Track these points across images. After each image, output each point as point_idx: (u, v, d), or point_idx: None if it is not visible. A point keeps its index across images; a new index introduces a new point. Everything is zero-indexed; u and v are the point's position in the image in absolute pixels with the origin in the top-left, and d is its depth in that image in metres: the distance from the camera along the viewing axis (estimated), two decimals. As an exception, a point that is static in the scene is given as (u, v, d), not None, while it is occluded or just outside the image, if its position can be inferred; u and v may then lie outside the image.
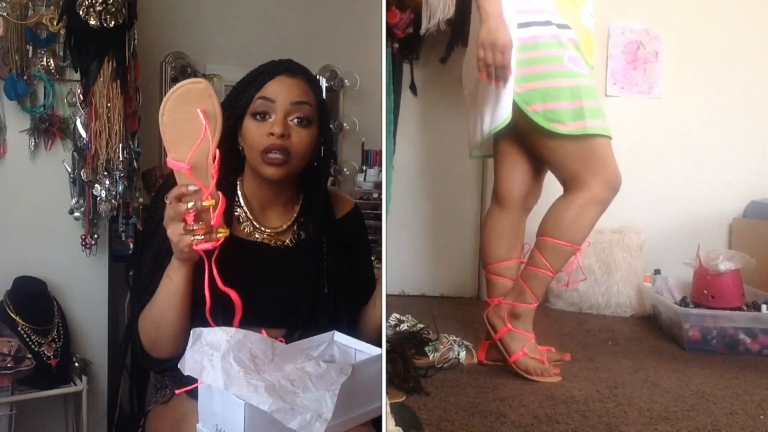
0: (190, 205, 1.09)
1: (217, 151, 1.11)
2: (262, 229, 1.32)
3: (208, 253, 1.11)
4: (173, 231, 1.10)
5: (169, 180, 1.24)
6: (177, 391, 1.19)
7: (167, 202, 1.11)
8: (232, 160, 1.30)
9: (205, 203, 1.09)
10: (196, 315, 1.19)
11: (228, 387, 0.93)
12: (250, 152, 1.27)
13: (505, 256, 2.11)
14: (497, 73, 1.84)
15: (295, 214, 1.36)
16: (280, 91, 1.26)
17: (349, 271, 1.40)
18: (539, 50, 1.88)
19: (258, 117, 1.26)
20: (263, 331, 1.16)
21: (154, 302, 1.20)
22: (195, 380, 1.04)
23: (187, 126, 1.10)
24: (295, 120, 1.26)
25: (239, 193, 1.33)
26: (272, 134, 1.23)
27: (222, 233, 1.11)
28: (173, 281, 1.16)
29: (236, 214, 1.32)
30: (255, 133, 1.25)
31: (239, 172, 1.34)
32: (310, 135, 1.28)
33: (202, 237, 1.09)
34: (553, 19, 1.90)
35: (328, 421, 0.92)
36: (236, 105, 1.27)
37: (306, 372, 0.97)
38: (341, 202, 1.47)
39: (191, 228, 1.09)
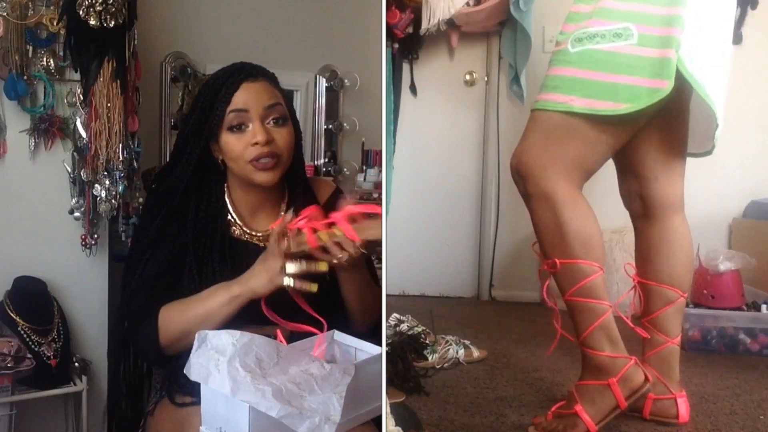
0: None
1: None
2: (253, 233, 1.34)
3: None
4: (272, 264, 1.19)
5: (163, 170, 1.35)
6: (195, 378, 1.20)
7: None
8: (212, 172, 1.33)
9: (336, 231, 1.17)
10: None
11: (235, 393, 0.93)
12: (236, 164, 1.28)
13: None
14: None
15: (282, 213, 1.37)
16: (249, 99, 1.26)
17: None
18: None
19: (235, 129, 1.26)
20: (278, 332, 1.17)
21: (193, 312, 1.22)
22: (192, 382, 1.04)
23: None
24: (272, 122, 1.27)
25: (227, 200, 1.35)
26: (257, 143, 1.24)
27: (321, 268, 1.17)
28: (225, 307, 1.20)
29: (228, 219, 1.34)
30: (237, 146, 1.26)
31: (222, 182, 1.36)
32: (289, 131, 1.30)
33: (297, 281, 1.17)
34: None
35: (336, 423, 0.92)
36: (208, 122, 1.27)
37: (311, 374, 0.97)
38: (323, 187, 1.49)
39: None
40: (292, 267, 1.16)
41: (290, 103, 1.36)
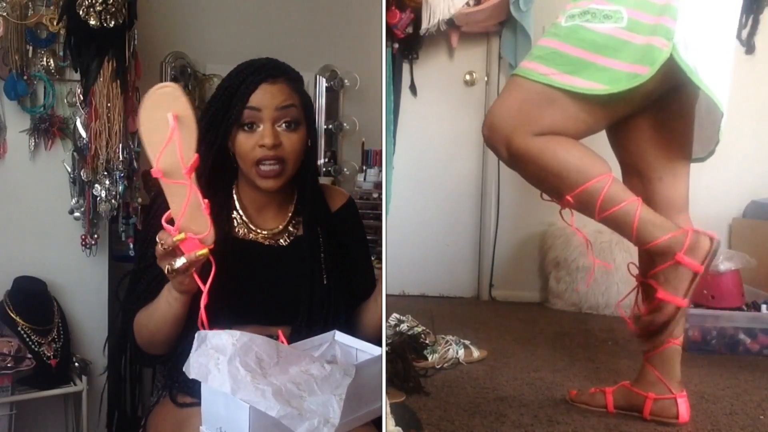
0: (166, 244, 1.06)
1: (195, 155, 1.05)
2: (258, 231, 1.33)
3: (206, 273, 1.09)
4: (162, 267, 1.09)
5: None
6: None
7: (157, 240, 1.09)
8: (225, 167, 1.31)
9: (176, 238, 1.05)
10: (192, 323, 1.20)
11: (235, 392, 0.92)
12: (243, 163, 1.27)
13: None
14: None
15: (290, 214, 1.36)
16: (264, 100, 1.24)
17: (348, 265, 1.40)
18: None
19: (246, 128, 1.25)
20: (279, 332, 1.16)
21: (152, 315, 1.21)
22: (194, 382, 1.04)
23: (161, 133, 1.04)
24: (284, 125, 1.25)
25: (234, 197, 1.34)
26: (263, 145, 1.23)
27: (201, 254, 1.06)
28: (172, 307, 1.17)
29: (233, 217, 1.33)
30: (245, 145, 1.25)
31: (234, 177, 1.35)
32: (300, 137, 1.27)
33: (183, 262, 1.06)
34: None
35: (335, 426, 0.91)
36: (225, 116, 1.26)
37: (311, 375, 0.96)
38: (336, 196, 1.47)
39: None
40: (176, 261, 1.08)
41: (309, 106, 1.32)
